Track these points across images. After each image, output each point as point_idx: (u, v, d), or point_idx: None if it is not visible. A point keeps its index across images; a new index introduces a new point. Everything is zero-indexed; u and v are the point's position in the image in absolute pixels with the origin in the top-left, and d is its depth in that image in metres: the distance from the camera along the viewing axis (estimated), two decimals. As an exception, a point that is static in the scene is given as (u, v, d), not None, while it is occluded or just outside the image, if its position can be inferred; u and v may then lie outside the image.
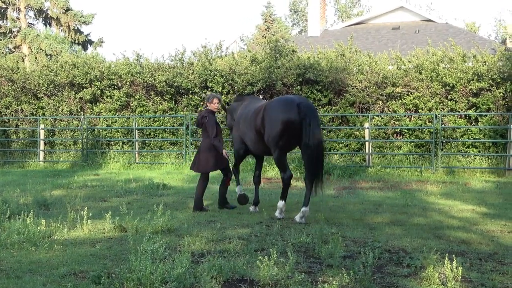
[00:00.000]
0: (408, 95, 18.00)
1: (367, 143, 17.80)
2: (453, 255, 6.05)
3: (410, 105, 17.95)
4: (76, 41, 42.51)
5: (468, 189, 13.47)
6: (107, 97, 21.53)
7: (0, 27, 41.60)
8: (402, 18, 30.87)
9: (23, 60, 38.33)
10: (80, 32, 42.52)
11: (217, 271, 5.71)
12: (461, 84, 17.39)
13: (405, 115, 18.08)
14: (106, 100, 21.57)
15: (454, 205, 10.91)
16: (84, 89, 21.69)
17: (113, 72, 21.39)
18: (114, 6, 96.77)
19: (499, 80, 17.07)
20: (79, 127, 21.39)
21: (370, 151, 17.76)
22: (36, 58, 36.26)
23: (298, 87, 19.02)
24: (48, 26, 43.84)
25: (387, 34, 29.21)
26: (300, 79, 18.99)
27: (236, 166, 10.91)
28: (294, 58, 19.71)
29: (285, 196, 9.41)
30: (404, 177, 15.95)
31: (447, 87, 17.57)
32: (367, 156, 17.70)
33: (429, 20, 30.65)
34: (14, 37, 41.70)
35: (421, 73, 17.96)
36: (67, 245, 7.24)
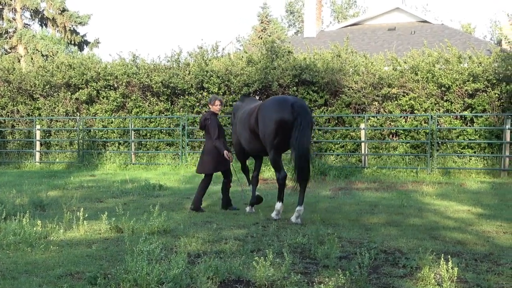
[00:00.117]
0: (404, 96, 18.04)
1: (363, 144, 17.82)
2: (449, 256, 6.06)
3: (406, 106, 17.98)
4: (72, 42, 42.40)
5: (464, 190, 13.49)
6: (103, 98, 21.51)
7: (-4, 28, 41.53)
8: (398, 19, 30.92)
9: (19, 61, 38.24)
10: (76, 33, 42.43)
11: (213, 272, 5.71)
12: (457, 85, 17.43)
13: (401, 116, 18.11)
14: (102, 101, 21.55)
15: (450, 206, 10.93)
16: (80, 90, 21.67)
17: (109, 73, 21.37)
18: (110, 7, 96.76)
19: (495, 81, 17.10)
20: (75, 128, 21.36)
21: (366, 152, 17.78)
22: (32, 59, 36.16)
23: (294, 88, 19.03)
24: (44, 27, 43.75)
25: (383, 35, 29.26)
26: (296, 80, 19.00)
27: (244, 168, 10.89)
28: (290, 59, 19.73)
29: (282, 197, 9.42)
30: (400, 178, 15.97)
31: (443, 88, 17.61)
32: (363, 157, 17.72)
33: (425, 21, 30.71)
34: (10, 38, 41.59)
35: (417, 74, 17.99)
36: (63, 246, 7.23)
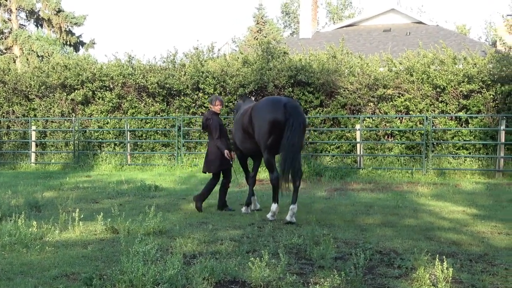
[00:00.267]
0: (399, 97, 18.06)
1: (359, 145, 17.83)
2: (444, 256, 6.07)
3: (401, 107, 18.01)
4: (68, 43, 42.25)
5: (459, 191, 13.51)
6: (99, 99, 21.47)
7: (-9, 29, 41.38)
8: (393, 20, 30.97)
9: (15, 62, 38.13)
10: (72, 34, 42.29)
11: (209, 273, 5.71)
12: (452, 86, 17.47)
13: (396, 117, 18.13)
14: (98, 102, 21.51)
15: (445, 207, 10.95)
16: (76, 91, 21.63)
17: (105, 74, 21.33)
18: (106, 8, 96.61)
19: (490, 82, 17.15)
20: (71, 129, 21.31)
21: (362, 153, 17.80)
22: (28, 60, 36.07)
23: (290, 89, 19.04)
24: (40, 27, 43.59)
25: (378, 36, 29.30)
26: (292, 81, 19.01)
27: (244, 168, 10.79)
28: (286, 60, 19.74)
29: (277, 199, 9.42)
30: (395, 179, 15.99)
31: (438, 89, 17.65)
32: (359, 158, 17.73)
33: (420, 23, 30.77)
34: (5, 39, 41.42)
35: (412, 75, 18.02)
36: (59, 247, 7.21)
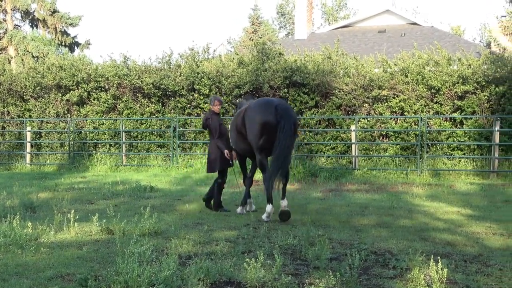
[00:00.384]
0: (394, 98, 18.09)
1: (354, 146, 17.85)
2: (439, 257, 6.09)
3: (396, 108, 18.03)
4: (63, 43, 42.12)
5: (453, 191, 13.55)
6: (94, 99, 21.42)
7: (-14, 29, 41.23)
8: (388, 22, 31.05)
9: (10, 62, 37.98)
10: (67, 34, 42.17)
11: (204, 274, 5.71)
12: (446, 87, 17.51)
13: (391, 118, 18.16)
14: (93, 102, 21.46)
15: (440, 207, 10.98)
16: (71, 91, 21.57)
17: (100, 74, 21.29)
18: (102, 8, 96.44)
19: (484, 83, 17.19)
20: (66, 130, 21.26)
21: (357, 154, 17.82)
22: (23, 60, 35.94)
23: (285, 90, 19.04)
24: (35, 28, 43.44)
25: (374, 37, 29.36)
26: (287, 82, 19.01)
27: (245, 176, 10.90)
28: (281, 61, 19.75)
29: (271, 199, 9.43)
30: (390, 180, 16.02)
31: (433, 90, 17.68)
32: (354, 159, 17.75)
33: (415, 24, 30.87)
34: (0, 39, 41.23)
35: (407, 76, 18.05)
36: (54, 248, 7.20)
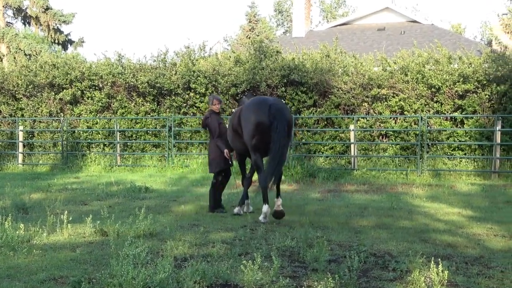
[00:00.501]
0: (394, 97, 18.10)
1: (353, 146, 17.85)
2: (439, 259, 6.09)
3: (396, 107, 18.04)
4: (56, 41, 42.09)
5: (454, 192, 13.57)
6: (88, 98, 21.39)
7: (-23, 27, 41.13)
8: (388, 19, 31.05)
9: (1, 60, 37.95)
10: (60, 32, 42.13)
11: (201, 276, 5.70)
12: (447, 86, 17.53)
13: (391, 117, 18.17)
14: (87, 101, 21.43)
15: (440, 208, 10.99)
16: (64, 90, 21.53)
17: (94, 73, 21.26)
18: (95, 5, 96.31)
19: (485, 82, 17.21)
20: (59, 129, 21.22)
21: (356, 154, 17.82)
22: (15, 58, 35.91)
23: (283, 89, 19.04)
24: (27, 25, 43.43)
25: (373, 35, 29.37)
26: (285, 81, 19.01)
27: (244, 176, 10.87)
28: (279, 59, 19.75)
29: (267, 200, 9.44)
30: (390, 180, 16.04)
31: (433, 89, 17.70)
32: (353, 159, 17.75)
33: (415, 21, 30.88)
34: (-8, 37, 41.25)
35: (407, 75, 18.07)
36: (47, 250, 7.18)
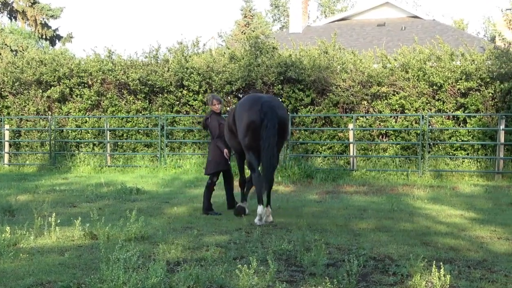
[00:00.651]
0: (394, 95, 18.13)
1: (352, 145, 17.86)
2: (441, 263, 6.09)
3: (396, 106, 18.07)
4: (44, 36, 41.98)
5: (456, 194, 13.60)
6: (77, 96, 21.35)
7: (-38, 21, 41.11)
8: (388, 15, 31.11)
9: (-14, 56, 37.85)
10: (48, 27, 42.03)
11: (194, 281, 5.69)
12: (449, 84, 17.56)
13: (391, 116, 18.20)
14: (76, 99, 21.40)
15: (442, 210, 11.01)
16: (52, 88, 21.49)
17: (83, 70, 21.22)
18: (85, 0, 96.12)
19: (488, 80, 17.26)
20: (47, 128, 21.18)
21: (355, 154, 17.83)
22: (0, 54, 35.73)
23: (279, 86, 19.05)
24: (14, 20, 43.32)
25: (372, 31, 29.42)
26: (281, 78, 19.02)
27: (242, 178, 11.06)
28: (275, 56, 19.76)
29: (262, 201, 9.44)
30: (390, 181, 16.05)
31: (435, 87, 17.73)
32: (352, 159, 17.77)
33: (416, 17, 30.95)
34: (-23, 32, 41.17)
35: (408, 72, 18.10)
36: (34, 254, 7.16)
